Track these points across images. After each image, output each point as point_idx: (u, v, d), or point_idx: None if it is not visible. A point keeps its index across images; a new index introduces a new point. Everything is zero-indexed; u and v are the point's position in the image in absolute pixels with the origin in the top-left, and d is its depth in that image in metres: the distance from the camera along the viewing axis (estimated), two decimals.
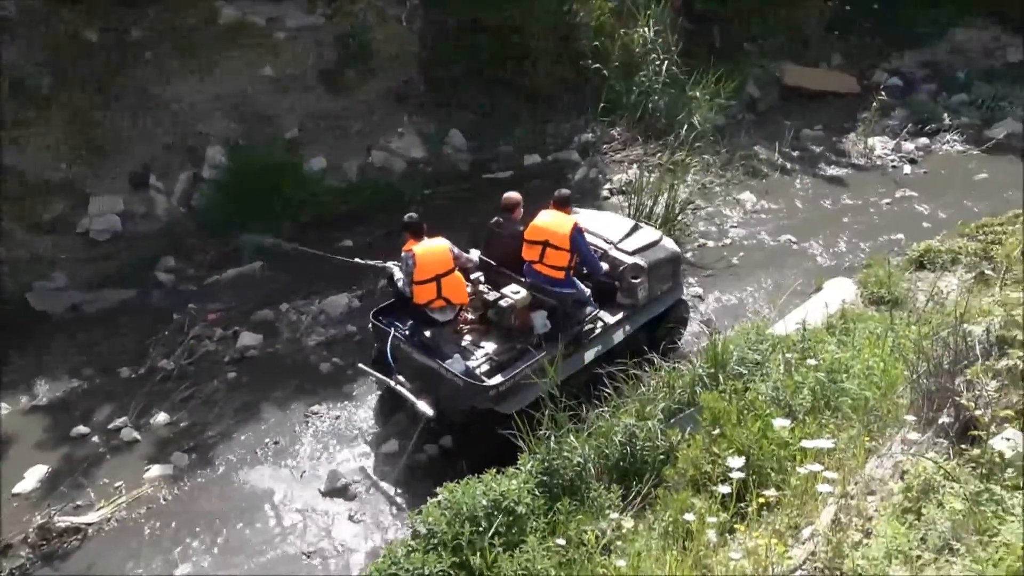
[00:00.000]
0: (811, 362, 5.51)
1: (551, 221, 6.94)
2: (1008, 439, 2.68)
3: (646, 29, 12.80)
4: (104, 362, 8.04)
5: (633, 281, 7.24)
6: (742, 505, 3.86)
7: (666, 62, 12.70)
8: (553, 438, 5.35)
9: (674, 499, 4.52)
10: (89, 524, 6.25)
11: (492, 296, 6.95)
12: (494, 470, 5.16)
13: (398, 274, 6.93)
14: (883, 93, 13.62)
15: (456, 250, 6.79)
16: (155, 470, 6.82)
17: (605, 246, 7.44)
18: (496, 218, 7.39)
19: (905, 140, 13.10)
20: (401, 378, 6.70)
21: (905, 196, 11.54)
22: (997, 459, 2.67)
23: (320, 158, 11.04)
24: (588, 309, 7.07)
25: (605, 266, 7.26)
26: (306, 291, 9.02)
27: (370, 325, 7.19)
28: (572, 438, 5.42)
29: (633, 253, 7.38)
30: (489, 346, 6.83)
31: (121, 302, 8.98)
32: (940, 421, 3.28)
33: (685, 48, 13.19)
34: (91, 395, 7.67)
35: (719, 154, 11.89)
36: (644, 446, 5.36)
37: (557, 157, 12.15)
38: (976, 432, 2.87)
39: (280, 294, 9.01)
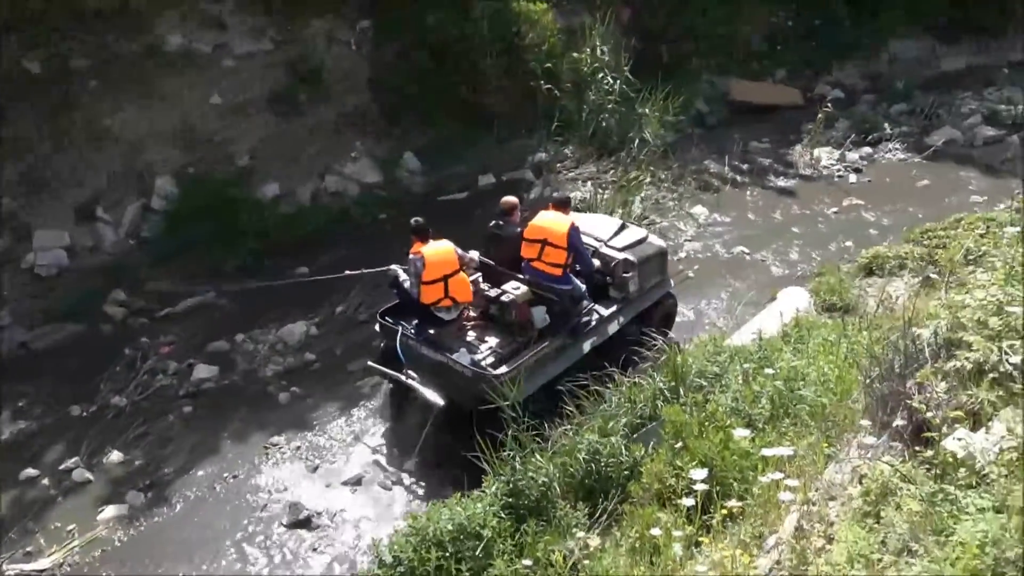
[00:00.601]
0: (768, 371, 5.59)
1: (550, 220, 7.30)
2: (959, 439, 2.73)
3: (596, 49, 12.96)
4: (53, 401, 7.80)
5: (624, 276, 7.60)
6: (707, 517, 3.88)
7: (616, 81, 12.87)
8: (518, 458, 5.33)
9: (640, 514, 4.53)
10: (41, 571, 6.03)
11: (494, 293, 7.30)
12: (459, 494, 5.11)
13: (403, 276, 7.21)
14: (827, 105, 13.96)
15: (460, 251, 7.16)
16: (109, 511, 6.61)
17: (596, 244, 7.77)
18: (495, 221, 7.85)
19: (849, 150, 13.43)
20: (411, 372, 6.97)
21: (852, 204, 11.81)
22: (950, 459, 2.72)
23: (273, 184, 10.93)
24: (584, 303, 7.37)
25: (596, 263, 7.60)
26: (262, 320, 8.88)
27: (376, 326, 7.39)
28: (538, 457, 5.41)
29: (623, 250, 7.76)
30: (492, 341, 7.15)
31: (70, 338, 8.73)
32: (894, 424, 3.34)
33: (634, 66, 13.38)
34: (40, 435, 7.43)
35: (671, 169, 12.06)
36: (608, 462, 5.36)
37: (512, 177, 12.19)
38: (929, 434, 2.92)
39: (235, 324, 8.86)
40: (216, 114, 10.80)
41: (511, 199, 7.89)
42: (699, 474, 3.71)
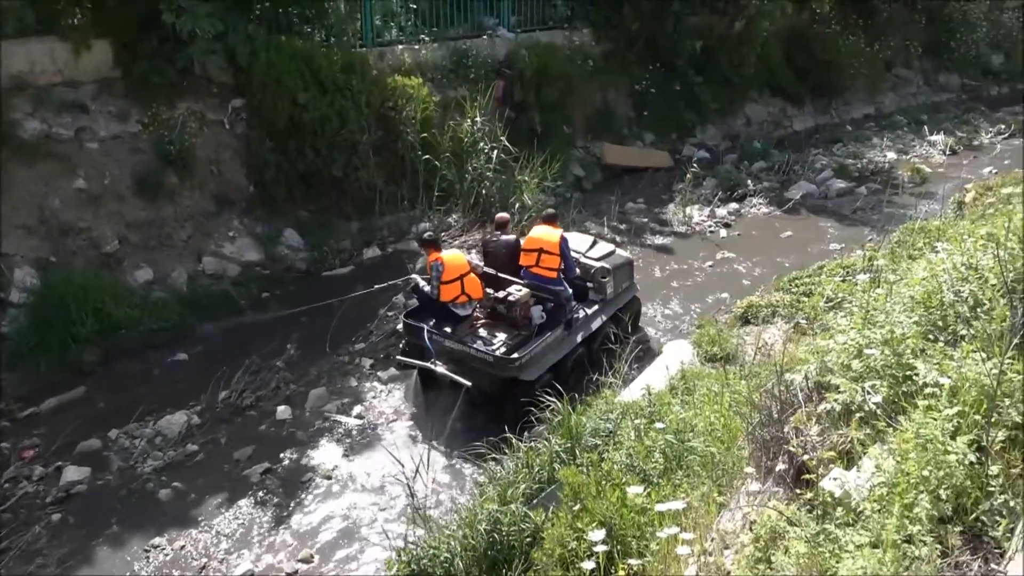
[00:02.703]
0: (659, 425, 5.70)
1: (544, 232, 8.79)
2: (835, 479, 2.86)
3: (473, 120, 13.28)
4: None
5: (602, 280, 9.16)
6: None
7: (494, 149, 13.19)
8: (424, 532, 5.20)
9: None
10: None
11: (501, 294, 8.56)
12: None
13: (422, 282, 8.53)
14: (694, 165, 14.80)
15: (467, 256, 8.64)
16: None
17: (577, 255, 9.13)
18: (492, 234, 9.46)
19: (718, 206, 14.22)
20: (438, 362, 7.97)
21: (725, 258, 12.43)
22: (829, 499, 2.83)
23: (145, 270, 10.46)
24: (573, 303, 8.75)
25: (577, 270, 8.99)
26: (139, 412, 8.36)
27: (401, 326, 8.75)
28: (442, 529, 5.29)
29: (599, 259, 9.32)
30: (500, 335, 8.41)
31: None
32: (777, 469, 3.46)
33: (511, 135, 13.79)
34: None
35: None
36: (510, 531, 5.29)
37: (397, 248, 12.19)
38: (808, 476, 3.04)
39: (109, 419, 8.30)
40: (80, 200, 10.29)
41: (504, 215, 9.63)
42: (597, 535, 3.71)
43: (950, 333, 3.34)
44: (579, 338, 8.66)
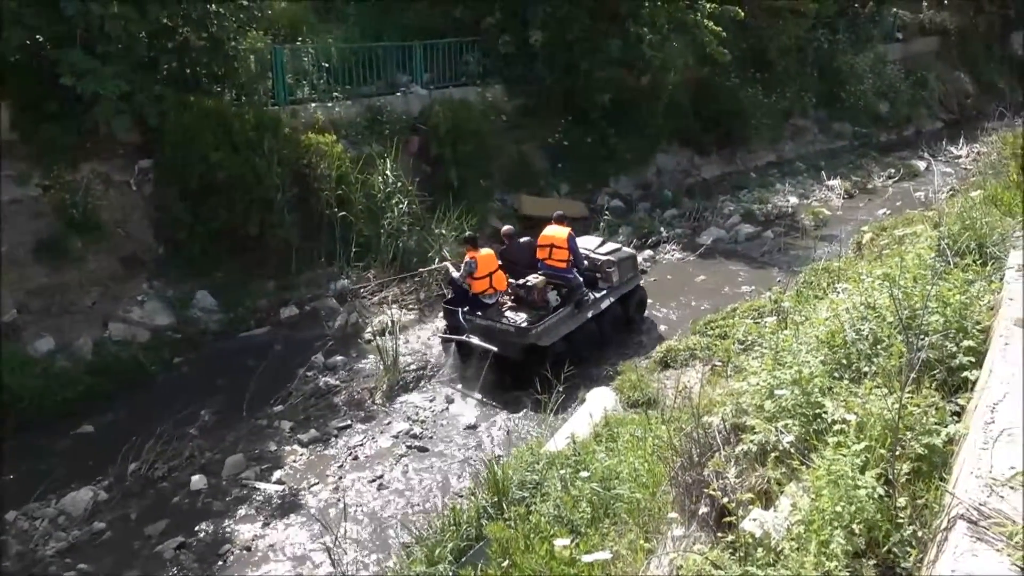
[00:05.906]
0: (584, 474, 5.70)
1: (554, 230, 10.72)
2: (755, 520, 2.90)
3: (386, 175, 13.29)
4: None
5: (608, 270, 11.09)
6: None
7: (408, 203, 13.22)
8: None
9: None
10: None
11: (521, 281, 10.53)
12: None
13: (455, 272, 10.54)
14: (608, 214, 15.15)
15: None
16: None
17: (587, 251, 11.18)
18: (508, 243, 11.22)
19: None
20: (472, 336, 9.99)
21: None
22: (750, 540, 2.87)
23: (47, 339, 9.96)
24: (583, 289, 10.64)
25: (586, 263, 10.93)
26: (40, 491, 7.86)
27: (442, 313, 10.73)
28: None
29: (606, 254, 11.31)
30: (522, 315, 10.31)
31: None
32: (700, 512, 3.50)
33: (427, 189, 13.86)
34: None
35: None
36: None
37: (315, 306, 11.97)
38: (728, 518, 3.08)
39: (7, 500, 7.78)
40: None
41: (509, 227, 11.91)
42: None
43: (854, 370, 3.47)
44: (589, 315, 10.59)
